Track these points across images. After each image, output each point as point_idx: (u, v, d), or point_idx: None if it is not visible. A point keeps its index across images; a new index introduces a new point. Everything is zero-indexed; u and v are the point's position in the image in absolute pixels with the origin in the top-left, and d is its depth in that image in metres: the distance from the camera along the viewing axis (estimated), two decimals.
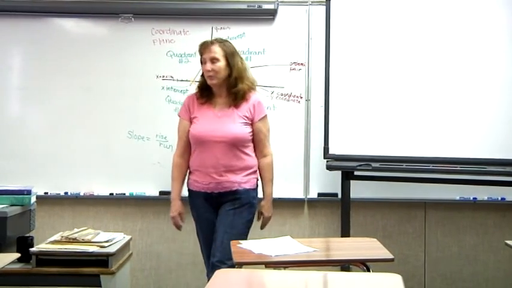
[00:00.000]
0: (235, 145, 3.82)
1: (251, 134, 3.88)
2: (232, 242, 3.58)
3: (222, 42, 3.92)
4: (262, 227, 4.02)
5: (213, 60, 3.85)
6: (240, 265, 3.16)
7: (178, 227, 4.06)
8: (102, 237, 3.41)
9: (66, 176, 4.77)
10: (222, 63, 3.85)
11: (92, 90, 4.79)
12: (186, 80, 4.79)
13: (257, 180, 3.97)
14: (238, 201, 3.85)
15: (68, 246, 3.25)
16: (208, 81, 3.89)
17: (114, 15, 4.75)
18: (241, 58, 3.97)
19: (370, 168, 4.36)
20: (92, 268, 3.20)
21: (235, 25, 4.78)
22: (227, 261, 3.62)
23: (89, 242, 3.30)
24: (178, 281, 4.90)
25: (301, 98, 4.78)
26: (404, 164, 4.33)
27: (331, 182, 4.70)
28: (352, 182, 4.54)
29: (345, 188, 4.57)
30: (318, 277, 2.73)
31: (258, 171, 3.97)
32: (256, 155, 3.93)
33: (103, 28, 4.82)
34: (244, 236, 3.80)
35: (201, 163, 3.87)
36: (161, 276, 4.90)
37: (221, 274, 2.64)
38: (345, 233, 4.53)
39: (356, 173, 4.47)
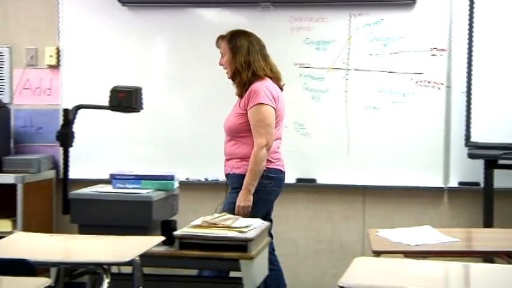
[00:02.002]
0: (231, 135, 3.95)
1: (244, 124, 3.89)
2: (370, 231, 3.55)
3: (231, 35, 3.99)
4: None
5: (222, 54, 4.01)
6: (378, 254, 3.13)
7: None
8: (241, 222, 3.46)
9: (206, 162, 4.90)
10: (226, 58, 3.98)
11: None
12: (323, 68, 4.79)
13: None
14: (231, 185, 3.98)
15: (208, 230, 3.32)
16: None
17: (253, 4, 4.81)
18: (250, 51, 3.93)
19: None
20: (231, 252, 3.25)
21: (374, 11, 4.71)
22: None
23: (228, 227, 3.37)
24: (315, 267, 4.91)
25: (442, 84, 4.66)
26: None
27: (473, 171, 4.55)
28: (495, 170, 4.38)
29: (488, 177, 4.41)
30: (459, 268, 2.67)
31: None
32: None
33: (242, 17, 4.90)
34: None
35: None
36: (298, 262, 4.94)
37: (360, 262, 2.63)
38: (488, 223, 4.38)
39: (500, 161, 4.31)
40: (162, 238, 3.16)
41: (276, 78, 3.99)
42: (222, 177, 4.85)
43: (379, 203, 4.86)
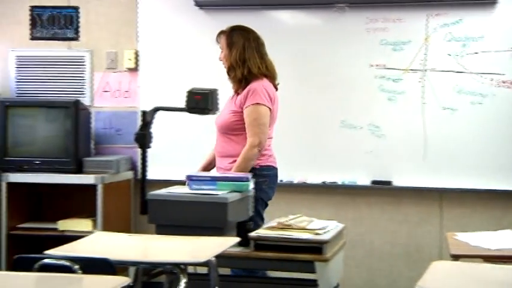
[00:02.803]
0: (224, 132, 3.94)
1: (237, 122, 3.87)
2: (448, 234, 3.49)
3: (230, 31, 3.97)
4: None
5: (221, 49, 4.00)
6: (456, 257, 3.07)
7: None
8: (316, 224, 3.46)
9: (281, 164, 4.89)
10: (224, 53, 3.97)
11: (306, 81, 4.88)
12: (399, 69, 4.73)
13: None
14: None
15: (283, 232, 3.33)
16: None
17: (328, 6, 4.79)
18: (246, 48, 3.91)
19: None
20: (306, 254, 3.25)
21: (452, 11, 4.63)
22: None
23: (303, 228, 3.37)
24: (390, 270, 4.86)
25: None
26: None
27: None
28: None
29: None
30: None
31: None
32: None
33: (317, 19, 4.90)
34: None
35: None
36: (373, 265, 4.90)
37: (437, 266, 2.58)
38: None
39: None
40: (238, 239, 3.17)
41: (271, 77, 3.98)
42: (296, 179, 4.90)
43: (457, 206, 4.77)
